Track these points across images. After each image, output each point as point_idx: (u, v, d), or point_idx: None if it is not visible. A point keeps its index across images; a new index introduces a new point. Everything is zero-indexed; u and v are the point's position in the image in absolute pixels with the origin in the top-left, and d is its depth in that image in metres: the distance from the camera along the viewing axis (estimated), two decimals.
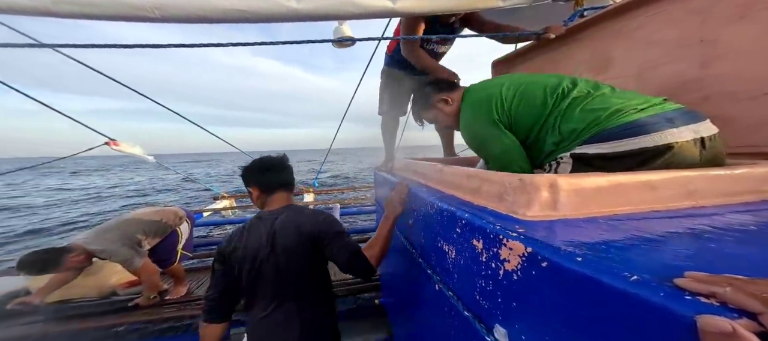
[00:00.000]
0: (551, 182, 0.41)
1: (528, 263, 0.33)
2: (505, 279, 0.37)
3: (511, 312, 0.37)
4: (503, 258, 0.37)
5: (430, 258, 0.67)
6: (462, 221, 0.48)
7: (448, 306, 0.55)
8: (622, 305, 0.22)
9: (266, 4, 0.66)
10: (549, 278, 0.30)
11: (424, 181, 0.87)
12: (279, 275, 0.83)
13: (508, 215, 0.44)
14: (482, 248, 0.42)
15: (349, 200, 5.49)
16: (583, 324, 0.26)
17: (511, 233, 0.36)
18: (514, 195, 0.44)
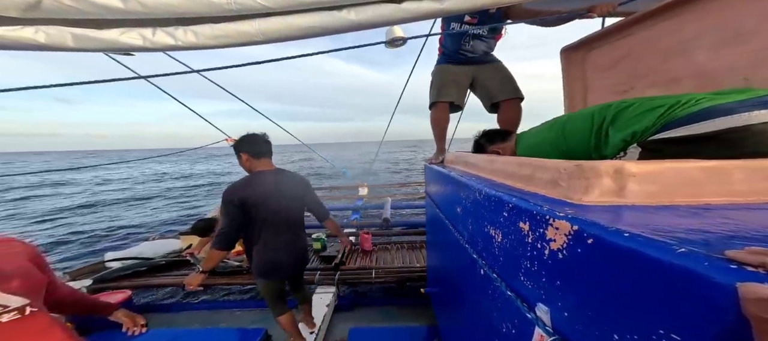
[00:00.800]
0: (616, 168, 0.39)
1: (573, 241, 0.34)
2: (550, 259, 0.38)
3: (555, 290, 0.38)
4: (549, 238, 0.38)
5: (477, 244, 0.69)
6: (509, 204, 0.50)
7: (492, 288, 0.57)
8: (665, 276, 0.23)
9: (333, 19, 0.78)
10: (593, 255, 0.30)
11: (476, 172, 0.88)
12: (287, 213, 1.30)
13: (559, 200, 0.43)
14: (528, 229, 0.43)
15: (399, 195, 5.63)
16: (624, 298, 0.27)
17: (558, 214, 0.37)
18: (569, 181, 0.43)
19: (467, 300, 0.82)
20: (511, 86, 1.56)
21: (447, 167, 1.24)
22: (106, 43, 0.72)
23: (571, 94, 1.38)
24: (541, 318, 0.41)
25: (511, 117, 1.58)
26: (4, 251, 0.69)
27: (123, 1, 0.66)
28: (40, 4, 0.63)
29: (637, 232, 0.27)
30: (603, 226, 0.30)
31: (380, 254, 2.68)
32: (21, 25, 0.67)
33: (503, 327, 0.55)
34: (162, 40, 0.76)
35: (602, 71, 1.22)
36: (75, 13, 0.66)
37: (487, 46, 1.57)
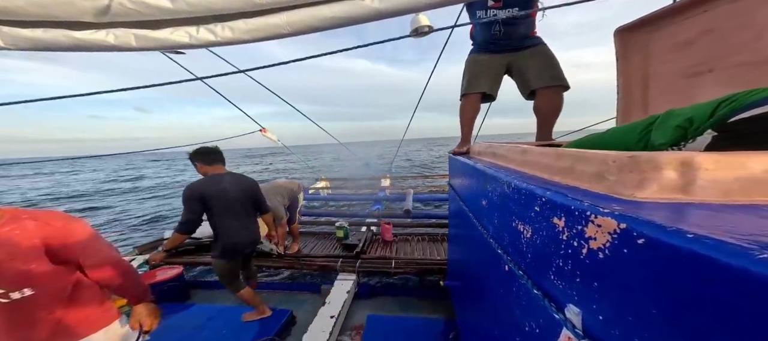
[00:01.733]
0: (684, 159, 0.33)
1: (619, 241, 0.30)
2: (588, 259, 0.34)
3: (590, 292, 0.34)
4: (588, 236, 0.34)
5: (503, 239, 0.65)
6: (542, 199, 0.46)
7: (517, 285, 0.54)
8: (739, 286, 0.19)
9: (356, 9, 0.78)
10: (645, 257, 0.27)
11: (505, 163, 0.82)
12: (240, 204, 1.63)
13: (605, 195, 0.38)
14: (563, 226, 0.40)
15: (421, 187, 5.57)
16: (681, 308, 0.23)
17: (601, 210, 0.33)
18: (619, 174, 0.38)
19: (489, 295, 0.78)
20: (550, 73, 1.40)
21: (473, 158, 1.18)
22: (161, 42, 0.81)
23: (627, 80, 1.20)
24: (571, 320, 0.38)
25: (546, 106, 1.43)
26: (8, 234, 0.69)
27: (172, 1, 0.73)
28: (109, 8, 0.71)
29: (704, 233, 0.23)
30: (659, 225, 0.26)
31: (400, 245, 2.69)
32: (95, 29, 0.77)
33: (526, 326, 0.52)
34: (204, 37, 0.82)
35: (671, 52, 1.04)
36: (135, 16, 0.74)
37: (523, 28, 1.42)
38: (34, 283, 0.71)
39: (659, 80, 1.10)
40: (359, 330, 1.78)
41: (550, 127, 1.46)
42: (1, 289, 0.67)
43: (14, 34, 0.78)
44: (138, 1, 0.73)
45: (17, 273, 0.69)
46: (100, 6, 0.72)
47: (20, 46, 0.81)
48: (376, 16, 0.84)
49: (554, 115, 1.44)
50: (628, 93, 1.19)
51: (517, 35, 1.43)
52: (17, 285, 0.69)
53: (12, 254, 0.68)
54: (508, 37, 1.44)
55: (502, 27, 1.41)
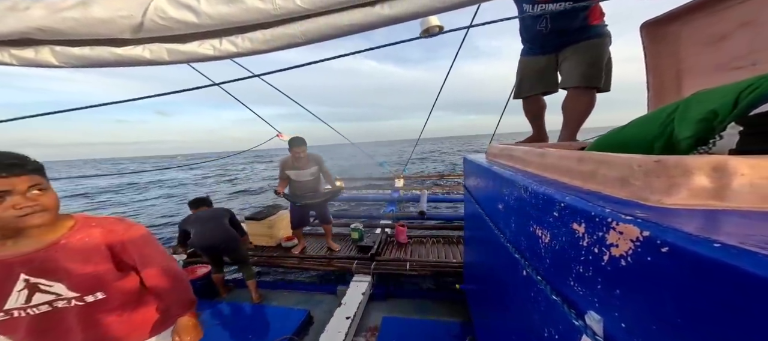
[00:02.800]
0: (717, 164, 0.32)
1: (642, 248, 0.29)
2: (610, 266, 0.34)
3: (612, 299, 0.33)
4: (609, 243, 0.34)
5: (520, 243, 0.64)
6: (561, 203, 0.45)
7: (535, 290, 0.53)
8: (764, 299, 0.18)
9: (367, 16, 0.80)
10: (669, 266, 0.26)
11: (522, 166, 0.81)
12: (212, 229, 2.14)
13: (628, 201, 0.37)
14: (584, 232, 0.39)
15: (436, 188, 5.51)
16: (708, 319, 0.23)
17: (623, 217, 0.32)
18: (645, 179, 0.37)
19: (506, 300, 0.77)
20: (579, 72, 1.26)
21: (489, 160, 1.16)
22: (190, 55, 0.88)
23: (658, 76, 1.13)
24: (591, 327, 0.37)
25: (571, 107, 1.33)
26: (80, 241, 0.73)
27: (197, 16, 0.80)
28: (143, 25, 0.79)
29: (735, 242, 0.22)
30: (684, 233, 0.25)
31: (415, 247, 2.68)
32: (134, 45, 0.86)
33: (545, 331, 0.51)
34: (227, 48, 0.89)
35: (706, 46, 0.97)
36: (166, 31, 0.81)
37: (575, 21, 1.22)
38: (105, 288, 0.76)
39: (695, 75, 1.03)
40: (374, 332, 1.80)
41: (573, 128, 1.36)
42: (77, 293, 0.73)
43: (67, 53, 0.88)
44: (167, 17, 0.79)
45: (90, 278, 0.74)
46: (135, 23, 0.79)
47: (71, 63, 0.91)
48: (388, 21, 0.86)
49: (579, 115, 1.32)
50: (659, 89, 1.12)
51: (569, 29, 1.24)
52: (91, 289, 0.74)
53: (85, 260, 0.73)
54: (556, 34, 1.27)
55: (550, 23, 1.24)
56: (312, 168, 2.38)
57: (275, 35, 0.90)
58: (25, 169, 0.66)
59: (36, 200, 0.66)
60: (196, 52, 0.89)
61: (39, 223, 0.67)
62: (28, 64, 0.90)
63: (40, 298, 0.69)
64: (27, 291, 0.68)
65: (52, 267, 0.70)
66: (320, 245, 2.87)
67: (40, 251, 0.69)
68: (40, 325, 0.71)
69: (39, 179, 0.68)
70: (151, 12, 0.77)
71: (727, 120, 0.42)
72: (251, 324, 1.89)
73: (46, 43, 0.87)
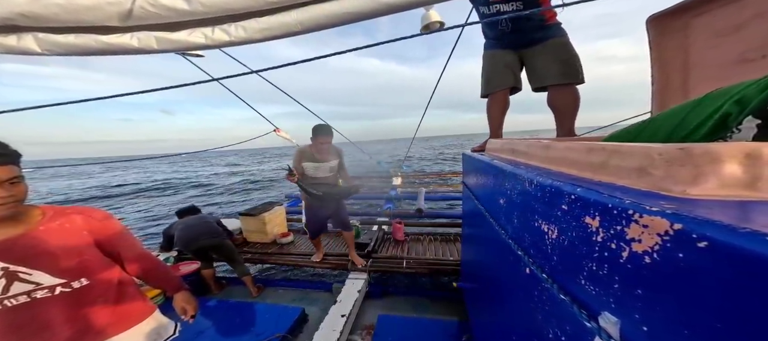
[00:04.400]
0: (749, 151, 0.28)
1: (673, 243, 0.26)
2: (630, 262, 0.30)
3: (633, 300, 0.30)
4: (630, 238, 0.30)
5: (523, 240, 0.61)
6: (571, 196, 0.41)
7: (540, 289, 0.50)
8: None
9: (365, 4, 0.76)
10: (709, 262, 0.23)
11: (525, 160, 0.77)
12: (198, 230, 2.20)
13: (648, 192, 0.34)
14: (598, 226, 0.35)
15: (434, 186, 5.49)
16: (757, 322, 0.19)
17: (648, 208, 0.29)
18: (667, 168, 0.33)
19: (507, 298, 0.74)
20: (561, 69, 1.29)
21: (489, 155, 1.13)
22: (179, 44, 0.84)
23: (664, 69, 1.10)
24: (606, 329, 0.34)
25: (559, 104, 1.35)
26: (60, 227, 0.71)
27: (188, 3, 0.76)
28: (131, 12, 0.74)
29: None
30: (727, 226, 0.22)
31: (412, 244, 2.65)
32: (121, 32, 0.81)
33: (550, 333, 0.48)
34: (219, 37, 0.84)
35: (716, 38, 0.94)
36: (155, 18, 0.77)
37: (534, 21, 1.31)
38: (89, 274, 0.74)
39: (703, 68, 1.00)
40: (370, 330, 1.77)
41: (569, 122, 1.37)
42: (63, 279, 0.70)
43: (50, 40, 0.83)
44: (157, 4, 0.75)
45: (76, 263, 0.72)
46: (123, 10, 0.75)
47: (55, 51, 0.86)
48: (386, 10, 0.82)
49: (570, 110, 1.34)
50: (665, 83, 1.09)
51: (527, 28, 1.32)
52: (76, 275, 0.72)
53: (69, 246, 0.71)
54: (517, 31, 1.34)
55: (509, 23, 1.32)
56: (332, 162, 2.02)
57: (270, 24, 0.86)
58: (9, 158, 0.64)
59: (12, 191, 0.63)
60: (187, 41, 0.84)
61: (12, 213, 0.65)
62: (10, 51, 0.85)
63: (19, 288, 0.65)
64: (4, 280, 0.64)
65: (33, 253, 0.67)
66: None
67: (18, 237, 0.66)
68: (15, 320, 0.66)
69: (18, 170, 0.65)
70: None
71: (745, 113, 0.40)
72: (244, 322, 1.85)
73: (29, 30, 0.81)
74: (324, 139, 1.90)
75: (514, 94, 1.52)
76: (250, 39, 0.87)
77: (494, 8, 1.31)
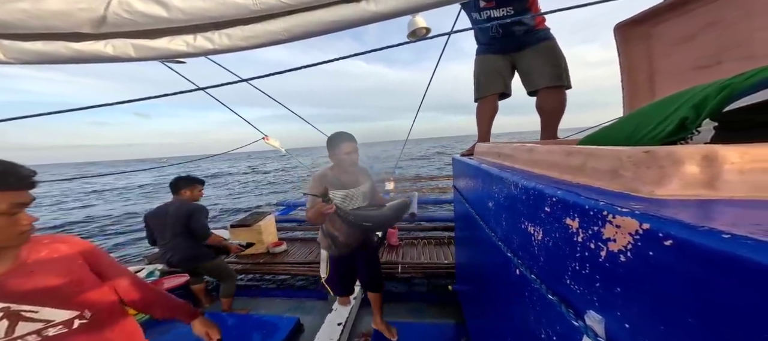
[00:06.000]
0: (706, 153, 0.31)
1: (643, 242, 0.27)
2: (608, 262, 0.32)
3: (613, 297, 0.31)
4: (606, 238, 0.32)
5: (512, 242, 0.62)
6: (553, 199, 0.43)
7: (530, 290, 0.52)
8: None
9: (353, 12, 0.77)
10: (674, 260, 0.24)
11: (511, 163, 0.80)
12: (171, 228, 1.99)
13: (620, 193, 0.36)
14: (578, 227, 0.37)
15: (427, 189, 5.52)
16: (719, 315, 0.21)
17: (620, 209, 0.30)
18: (635, 170, 0.36)
19: (500, 300, 0.76)
20: (551, 73, 1.35)
21: (477, 158, 1.16)
22: (159, 51, 0.81)
23: (632, 76, 1.17)
24: (592, 327, 0.35)
25: (548, 106, 1.40)
26: (50, 257, 0.66)
27: (167, 10, 0.73)
28: (105, 18, 0.72)
29: (744, 233, 0.21)
30: (689, 225, 0.24)
31: (407, 249, 2.65)
32: (94, 39, 0.78)
33: (542, 333, 0.49)
34: (202, 45, 0.82)
35: (676, 46, 1.02)
36: (132, 25, 0.75)
37: (524, 26, 1.37)
38: (97, 300, 0.71)
39: (666, 74, 1.07)
40: (367, 337, 1.75)
41: (553, 126, 1.43)
42: (77, 311, 0.66)
43: (17, 48, 0.79)
44: (133, 11, 0.73)
45: (82, 292, 0.68)
46: (96, 16, 0.72)
47: (23, 59, 0.82)
48: (373, 18, 0.83)
49: (556, 114, 1.40)
50: (633, 89, 1.16)
51: (518, 32, 1.38)
52: (87, 304, 0.68)
53: (68, 275, 0.67)
54: (509, 36, 1.40)
55: (501, 28, 1.37)
56: (364, 186, 1.44)
57: (255, 32, 0.85)
58: (33, 183, 0.62)
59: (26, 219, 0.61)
60: (167, 49, 0.82)
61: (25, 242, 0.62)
62: None
63: (26, 328, 0.60)
64: (6, 321, 0.58)
65: (33, 288, 0.62)
66: (309, 250, 2.79)
67: (9, 273, 0.61)
68: None
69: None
70: (115, 5, 0.70)
71: (703, 116, 0.43)
72: (237, 335, 1.79)
73: None
74: (350, 147, 1.34)
75: (504, 99, 1.57)
76: (235, 47, 0.86)
77: (485, 14, 1.36)
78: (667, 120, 0.46)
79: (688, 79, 0.98)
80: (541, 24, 1.40)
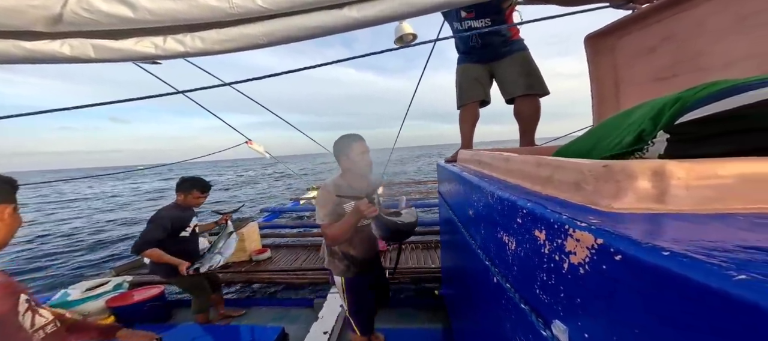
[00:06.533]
0: (656, 168, 0.33)
1: (598, 256, 0.29)
2: (570, 273, 0.34)
3: (575, 308, 0.33)
4: (568, 251, 0.34)
5: (490, 250, 0.64)
6: (523, 210, 0.45)
7: (506, 298, 0.53)
8: (717, 308, 0.18)
9: (335, 18, 0.75)
10: (623, 274, 0.26)
11: (490, 172, 0.82)
12: None
13: (583, 206, 0.38)
14: (545, 239, 0.39)
15: (414, 193, 5.57)
16: (665, 327, 0.22)
17: (579, 224, 0.32)
18: (595, 184, 0.38)
19: (480, 307, 0.77)
20: (527, 81, 1.43)
21: (460, 165, 1.18)
22: (123, 53, 0.76)
23: (600, 86, 1.25)
24: (558, 337, 0.36)
25: (524, 113, 1.47)
26: None
27: (133, 10, 0.69)
28: (62, 17, 0.66)
29: (681, 249, 0.22)
30: (636, 241, 0.25)
31: (394, 254, 2.65)
32: (49, 39, 0.72)
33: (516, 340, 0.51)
34: (172, 47, 0.78)
35: (638, 58, 1.09)
36: (93, 25, 0.70)
37: (501, 37, 1.44)
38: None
39: (629, 85, 1.15)
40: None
41: (531, 132, 1.50)
42: None
43: None
44: (94, 10, 0.67)
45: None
46: (51, 14, 0.66)
47: None
48: (355, 25, 0.83)
49: (533, 121, 1.47)
50: (602, 98, 1.23)
51: (496, 43, 1.45)
52: None
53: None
54: (487, 46, 1.47)
55: (479, 38, 1.44)
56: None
57: (232, 36, 0.82)
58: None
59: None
60: (132, 51, 0.77)
61: None
62: None
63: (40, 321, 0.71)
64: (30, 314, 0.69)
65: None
66: (295, 257, 2.73)
67: None
68: None
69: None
70: (74, 3, 0.66)
71: (657, 129, 0.46)
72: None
73: None
74: (364, 147, 1.26)
75: (484, 107, 1.63)
76: (209, 51, 0.82)
77: (466, 24, 1.42)
78: (626, 132, 0.49)
79: (649, 90, 1.06)
80: (516, 35, 1.48)
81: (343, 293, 1.35)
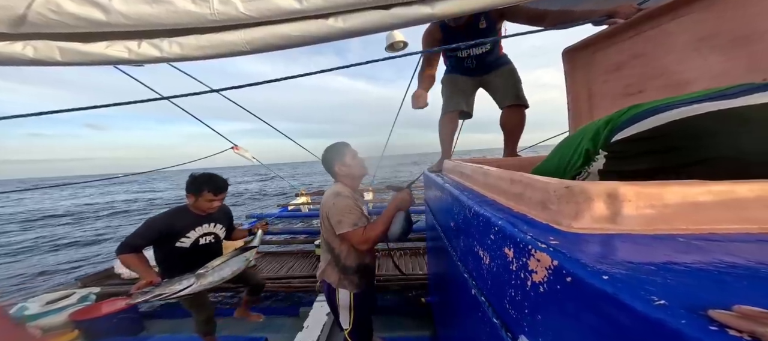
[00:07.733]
0: (610, 190, 0.36)
1: (554, 276, 0.31)
2: (532, 291, 0.36)
3: (536, 324, 0.35)
4: (531, 269, 0.36)
5: (468, 262, 0.66)
6: (495, 227, 0.47)
7: (481, 311, 0.55)
8: (641, 329, 0.20)
9: (319, 28, 0.75)
10: (573, 294, 0.28)
11: (470, 184, 0.85)
12: None
13: (548, 225, 0.41)
14: (513, 256, 0.41)
15: None
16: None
17: (540, 245, 0.34)
18: (559, 204, 0.41)
19: (460, 318, 0.79)
20: (513, 93, 1.52)
21: (444, 175, 1.21)
22: (92, 57, 0.73)
23: (575, 98, 1.32)
24: None
25: (511, 123, 1.55)
26: None
27: (105, 13, 0.66)
28: (26, 18, 0.64)
29: (618, 272, 0.25)
30: (584, 264, 0.28)
31: (383, 260, 2.65)
32: (9, 40, 0.68)
33: None
34: (147, 52, 0.76)
35: (609, 73, 1.16)
36: (61, 27, 0.67)
37: (492, 54, 1.52)
38: None
39: (602, 98, 1.22)
40: None
41: (514, 142, 1.58)
42: None
43: None
44: (62, 12, 0.65)
45: None
46: (13, 15, 0.63)
47: None
48: (341, 35, 0.83)
49: (518, 130, 1.56)
50: (577, 110, 1.30)
51: (488, 61, 1.53)
52: None
53: None
54: (481, 64, 1.54)
55: (475, 60, 1.51)
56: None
57: (212, 42, 0.79)
58: None
59: None
60: (103, 54, 0.74)
61: None
62: None
63: None
64: None
65: None
66: (279, 265, 2.67)
67: None
68: None
69: None
70: (39, 4, 0.63)
71: (597, 148, 0.50)
72: None
73: None
74: (354, 151, 1.31)
75: (465, 119, 1.68)
76: (187, 56, 0.79)
77: (466, 52, 1.49)
78: (577, 152, 0.53)
79: (619, 104, 1.12)
80: (501, 50, 1.57)
81: (350, 311, 1.23)
